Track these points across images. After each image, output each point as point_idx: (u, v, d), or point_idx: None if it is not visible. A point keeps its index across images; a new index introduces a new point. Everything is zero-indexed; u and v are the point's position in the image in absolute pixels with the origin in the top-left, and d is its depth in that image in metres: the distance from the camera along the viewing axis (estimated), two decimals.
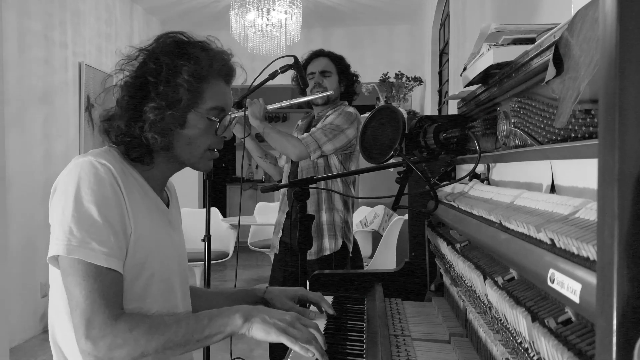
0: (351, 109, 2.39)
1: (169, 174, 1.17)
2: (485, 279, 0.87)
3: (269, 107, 2.34)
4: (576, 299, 0.50)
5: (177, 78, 1.05)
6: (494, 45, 1.07)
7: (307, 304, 1.39)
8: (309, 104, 2.48)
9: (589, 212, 0.58)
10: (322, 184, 2.31)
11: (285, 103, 2.36)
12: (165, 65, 1.05)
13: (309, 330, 0.98)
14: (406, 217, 2.48)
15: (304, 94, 2.46)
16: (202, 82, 1.08)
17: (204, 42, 1.12)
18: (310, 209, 2.31)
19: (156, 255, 1.08)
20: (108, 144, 1.11)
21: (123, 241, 1.00)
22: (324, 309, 1.34)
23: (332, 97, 2.39)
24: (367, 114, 1.49)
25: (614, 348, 0.33)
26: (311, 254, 2.31)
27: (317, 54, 2.44)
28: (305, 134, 2.32)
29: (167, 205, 1.19)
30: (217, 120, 1.11)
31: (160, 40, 1.10)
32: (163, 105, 1.05)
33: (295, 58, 2.25)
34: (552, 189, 0.84)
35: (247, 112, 2.27)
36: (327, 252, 2.33)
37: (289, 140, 2.32)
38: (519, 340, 0.73)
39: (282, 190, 2.46)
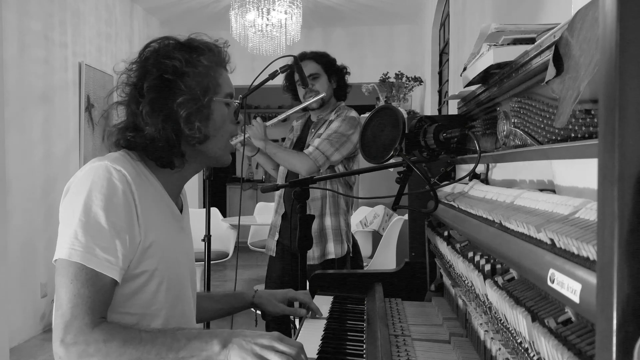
0: (354, 114, 2.39)
1: (189, 176, 1.18)
2: (485, 279, 0.87)
3: (268, 124, 2.34)
4: (576, 299, 0.50)
5: (198, 68, 1.08)
6: (494, 45, 1.07)
7: (297, 305, 1.39)
8: (305, 109, 2.47)
9: (589, 212, 0.58)
10: (322, 184, 2.30)
11: (282, 116, 2.37)
12: (183, 59, 1.07)
13: (291, 347, 0.94)
14: (406, 217, 2.48)
15: (296, 99, 2.46)
16: (216, 70, 1.12)
17: (197, 37, 1.15)
18: (314, 213, 2.30)
19: (168, 262, 1.07)
20: (121, 149, 1.10)
21: (129, 250, 0.99)
22: (311, 310, 1.35)
23: (325, 98, 2.38)
24: (367, 114, 1.49)
25: (614, 348, 0.33)
26: (314, 259, 2.30)
27: (301, 58, 2.39)
28: (311, 148, 2.31)
29: (181, 211, 1.19)
30: (237, 102, 1.15)
31: (151, 47, 1.11)
32: (197, 94, 1.06)
33: (295, 58, 2.25)
34: (552, 189, 0.84)
35: (248, 135, 2.29)
36: (332, 257, 2.32)
37: (295, 157, 2.32)
38: (519, 340, 0.73)
39: (278, 192, 2.46)
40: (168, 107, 1.05)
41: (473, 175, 1.25)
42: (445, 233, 1.32)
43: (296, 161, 2.30)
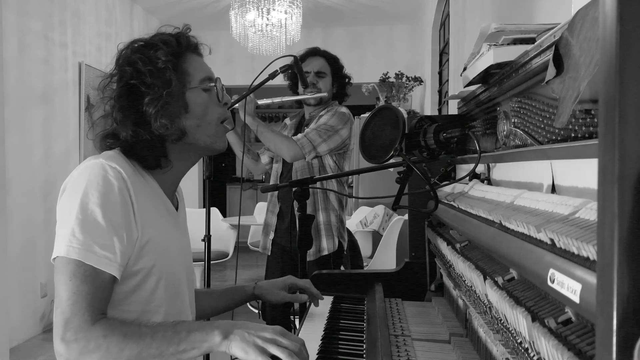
0: (344, 110, 2.39)
1: (183, 172, 1.17)
2: (485, 279, 0.87)
3: (260, 102, 2.31)
4: (576, 299, 0.50)
5: (157, 64, 1.06)
6: (494, 45, 1.07)
7: (297, 292, 1.39)
8: (300, 103, 2.47)
9: (589, 212, 0.58)
10: (319, 183, 2.30)
11: (277, 100, 2.34)
12: (140, 60, 1.06)
13: (293, 342, 0.94)
14: (406, 217, 2.48)
15: (295, 91, 2.46)
16: (180, 60, 1.09)
17: (159, 32, 1.13)
18: (307, 210, 2.30)
19: (165, 259, 1.07)
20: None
21: (127, 246, 0.99)
22: (312, 294, 1.36)
23: (324, 99, 2.39)
24: (367, 114, 1.49)
25: (614, 348, 0.33)
26: (310, 255, 2.30)
27: (313, 53, 2.43)
28: (300, 135, 2.30)
29: (177, 209, 1.19)
30: (213, 84, 1.12)
31: (123, 52, 1.11)
32: (158, 91, 1.05)
33: (295, 58, 2.24)
34: (552, 189, 0.84)
35: (237, 107, 2.24)
36: (325, 253, 2.33)
37: (283, 141, 2.30)
38: (519, 340, 0.73)
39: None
40: (137, 111, 1.05)
41: (473, 175, 1.25)
42: (445, 233, 1.32)
43: (283, 145, 2.28)
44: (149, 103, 1.05)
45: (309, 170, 2.32)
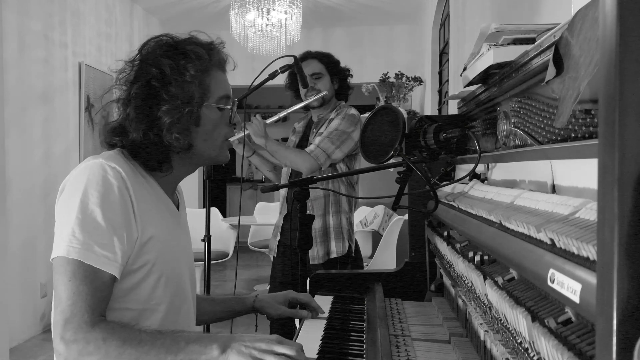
0: (353, 111, 2.39)
1: (183, 176, 1.17)
2: (485, 279, 0.87)
3: (268, 121, 2.33)
4: (576, 299, 0.50)
5: (184, 76, 1.06)
6: (494, 45, 1.07)
7: (298, 306, 1.39)
8: (306, 108, 2.47)
9: (589, 212, 0.58)
10: (324, 184, 2.30)
11: (283, 114, 2.35)
12: (169, 66, 1.06)
13: (290, 348, 0.94)
14: (406, 217, 2.48)
15: (298, 97, 2.46)
16: (205, 75, 1.10)
17: (193, 38, 1.13)
18: (317, 212, 2.29)
19: (166, 257, 1.08)
20: (111, 148, 1.10)
21: (126, 246, 1.00)
22: (313, 309, 1.35)
23: (327, 97, 2.38)
24: (367, 114, 1.49)
25: (614, 348, 0.33)
26: (318, 258, 2.29)
27: (304, 57, 2.41)
28: (312, 146, 2.30)
29: (177, 208, 1.19)
30: (229, 107, 1.13)
31: (148, 46, 1.10)
32: (178, 104, 1.05)
33: (295, 58, 2.24)
34: (552, 189, 0.84)
35: (248, 132, 2.27)
36: (334, 255, 2.32)
37: (297, 155, 2.30)
38: (519, 340, 0.73)
39: (282, 193, 2.46)
40: (152, 115, 1.05)
41: (473, 175, 1.25)
42: (445, 233, 1.32)
43: (298, 159, 2.29)
44: (167, 112, 1.05)
45: (319, 172, 2.32)
